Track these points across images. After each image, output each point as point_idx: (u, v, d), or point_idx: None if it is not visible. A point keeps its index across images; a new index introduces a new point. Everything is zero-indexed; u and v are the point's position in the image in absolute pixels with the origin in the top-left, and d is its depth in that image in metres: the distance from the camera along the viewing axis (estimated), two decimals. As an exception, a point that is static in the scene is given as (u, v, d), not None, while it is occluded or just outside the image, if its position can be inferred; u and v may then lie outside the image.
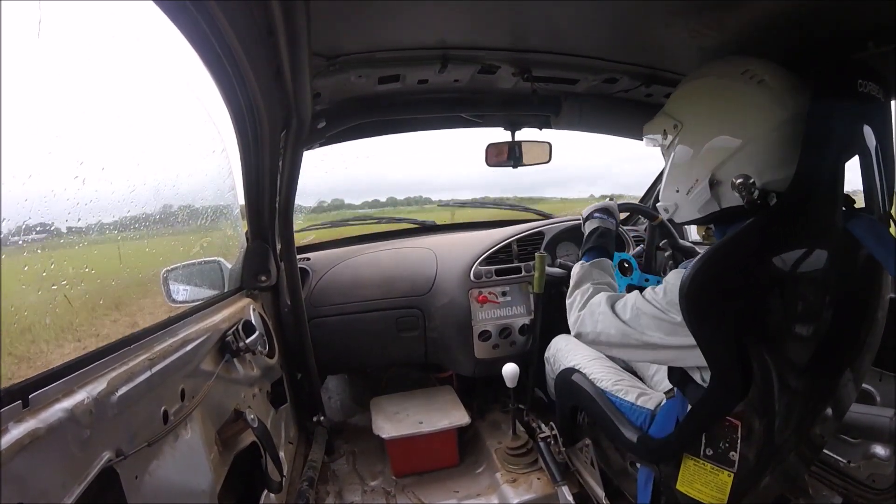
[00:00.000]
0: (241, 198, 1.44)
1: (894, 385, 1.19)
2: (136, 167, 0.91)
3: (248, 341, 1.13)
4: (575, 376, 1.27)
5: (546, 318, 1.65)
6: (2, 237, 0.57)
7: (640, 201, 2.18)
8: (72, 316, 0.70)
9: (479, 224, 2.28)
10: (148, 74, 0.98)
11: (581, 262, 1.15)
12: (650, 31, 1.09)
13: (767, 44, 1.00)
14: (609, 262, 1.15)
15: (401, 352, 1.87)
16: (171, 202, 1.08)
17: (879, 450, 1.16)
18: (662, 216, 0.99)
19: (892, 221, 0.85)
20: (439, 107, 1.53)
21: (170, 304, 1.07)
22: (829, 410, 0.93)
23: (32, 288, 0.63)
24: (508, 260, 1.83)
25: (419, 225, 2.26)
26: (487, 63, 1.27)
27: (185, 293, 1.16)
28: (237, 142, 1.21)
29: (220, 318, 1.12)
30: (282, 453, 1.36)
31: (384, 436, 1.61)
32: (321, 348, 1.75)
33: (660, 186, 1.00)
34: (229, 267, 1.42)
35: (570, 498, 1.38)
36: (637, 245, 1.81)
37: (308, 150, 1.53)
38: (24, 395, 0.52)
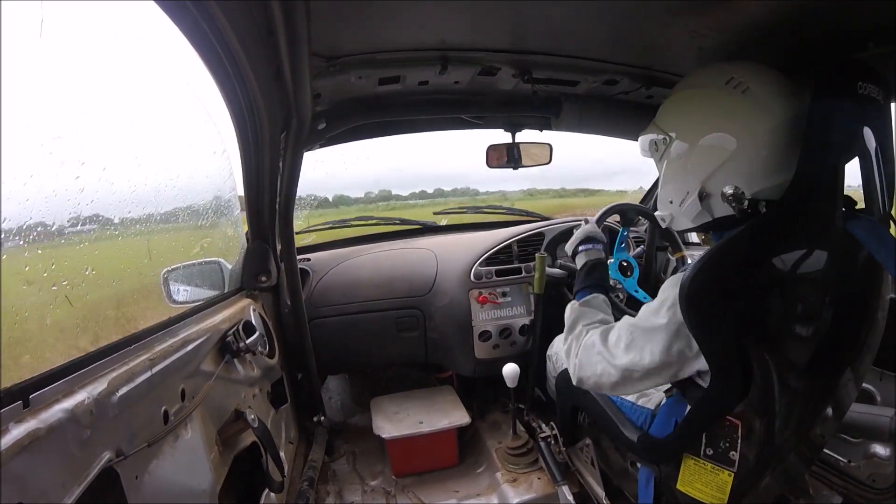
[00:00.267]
0: (242, 198, 1.44)
1: (894, 385, 1.19)
2: (137, 168, 0.91)
3: (248, 342, 1.13)
4: (575, 376, 1.27)
5: (546, 318, 1.65)
6: (2, 237, 0.57)
7: (641, 202, 2.17)
8: (72, 316, 0.70)
9: (480, 225, 2.28)
10: (149, 75, 0.98)
11: (571, 304, 1.10)
12: (650, 33, 1.09)
13: (767, 44, 1.00)
14: (602, 298, 1.09)
15: (401, 352, 1.87)
16: (172, 202, 1.08)
17: (880, 449, 1.16)
18: (661, 224, 0.99)
19: (892, 222, 0.85)
20: (440, 108, 1.53)
21: (170, 305, 1.08)
22: (830, 410, 0.93)
23: (33, 288, 0.63)
24: (509, 260, 1.83)
25: (420, 226, 2.26)
26: (488, 65, 1.27)
27: (185, 294, 1.16)
28: (237, 142, 1.21)
29: (221, 318, 1.12)
30: (282, 453, 1.36)
31: (384, 436, 1.61)
32: (321, 348, 1.75)
33: (656, 194, 1.00)
34: (229, 267, 1.42)
35: (570, 498, 1.38)
36: (637, 245, 1.81)
37: (308, 150, 1.53)
38: (24, 396, 0.52)
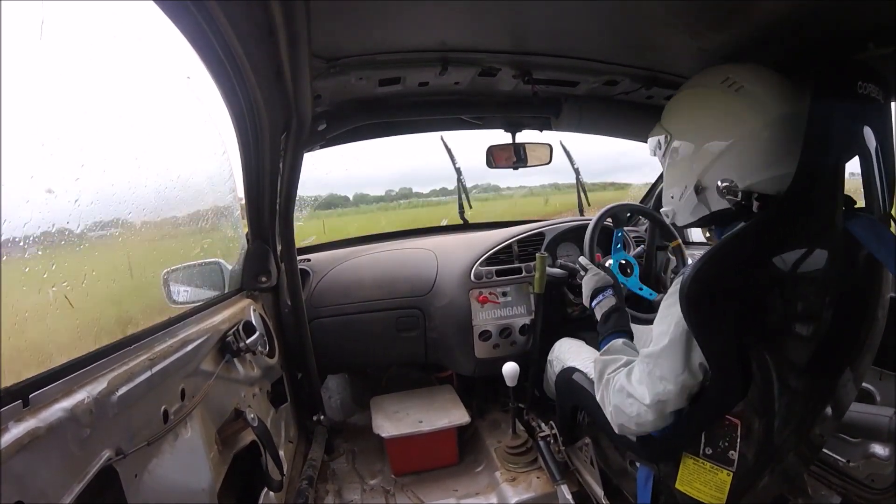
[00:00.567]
0: (242, 199, 1.45)
1: (894, 384, 1.19)
2: (137, 169, 0.91)
3: (248, 341, 1.13)
4: (576, 375, 1.27)
5: (546, 318, 1.65)
6: (2, 238, 0.57)
7: (641, 201, 2.17)
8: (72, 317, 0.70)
9: (480, 225, 2.28)
10: (149, 75, 0.99)
11: (596, 357, 1.07)
12: (650, 34, 1.09)
13: (768, 44, 1.00)
14: (621, 341, 1.06)
15: (401, 352, 1.87)
16: (172, 203, 1.08)
17: (879, 449, 1.16)
18: (665, 220, 1.01)
19: (892, 221, 0.85)
20: (440, 109, 1.54)
21: (170, 305, 1.08)
22: (829, 410, 0.93)
23: (33, 289, 0.63)
24: (509, 260, 1.83)
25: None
26: (488, 65, 1.27)
27: (185, 294, 1.16)
28: (238, 143, 1.21)
29: (221, 318, 1.12)
30: (282, 452, 1.36)
31: (384, 435, 1.61)
32: (321, 348, 1.75)
33: (657, 192, 1.02)
34: (230, 268, 1.43)
35: (569, 497, 1.38)
36: (637, 245, 1.81)
37: (308, 151, 1.53)
38: (24, 395, 0.52)
